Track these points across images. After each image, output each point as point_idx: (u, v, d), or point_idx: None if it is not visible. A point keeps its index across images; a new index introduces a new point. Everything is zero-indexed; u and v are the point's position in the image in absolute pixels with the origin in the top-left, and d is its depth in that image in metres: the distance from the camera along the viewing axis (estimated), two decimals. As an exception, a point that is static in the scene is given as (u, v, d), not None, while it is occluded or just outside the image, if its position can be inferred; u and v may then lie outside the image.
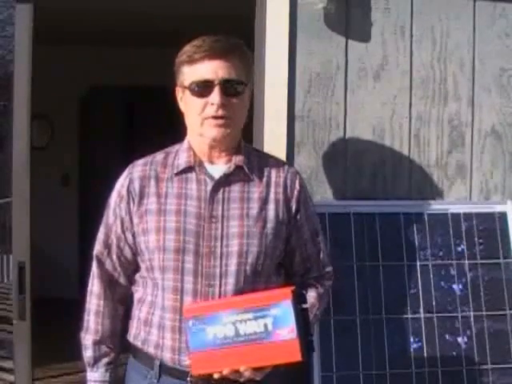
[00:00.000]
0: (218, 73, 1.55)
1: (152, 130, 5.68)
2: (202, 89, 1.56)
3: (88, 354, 1.69)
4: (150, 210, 1.61)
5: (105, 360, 1.69)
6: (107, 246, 1.68)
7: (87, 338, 1.70)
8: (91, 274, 1.71)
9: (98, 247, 1.69)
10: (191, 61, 1.57)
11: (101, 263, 1.69)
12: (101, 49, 5.61)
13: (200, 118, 1.58)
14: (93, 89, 5.93)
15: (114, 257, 1.68)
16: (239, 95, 1.59)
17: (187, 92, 1.60)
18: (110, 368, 1.70)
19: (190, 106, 1.60)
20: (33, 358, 2.34)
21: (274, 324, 1.41)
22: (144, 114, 6.28)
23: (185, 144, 1.68)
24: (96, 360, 1.69)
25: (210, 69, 1.55)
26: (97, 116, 6.19)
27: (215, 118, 1.56)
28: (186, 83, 1.59)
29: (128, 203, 1.64)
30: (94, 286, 1.70)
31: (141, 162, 1.69)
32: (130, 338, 1.68)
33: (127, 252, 1.67)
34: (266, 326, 1.42)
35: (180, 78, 1.62)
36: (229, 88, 1.56)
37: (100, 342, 1.69)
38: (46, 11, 2.42)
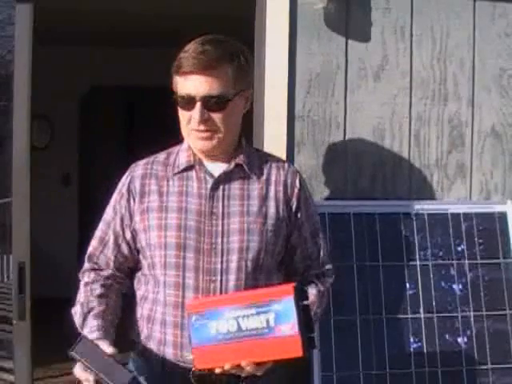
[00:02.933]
0: (199, 88, 1.56)
1: (152, 130, 5.68)
2: (186, 103, 1.59)
3: (77, 316, 1.62)
4: (151, 207, 1.63)
5: (92, 312, 1.62)
6: (103, 241, 1.69)
7: (75, 306, 1.65)
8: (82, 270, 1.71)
9: (93, 243, 1.71)
10: (179, 72, 1.59)
11: (94, 257, 1.70)
12: (101, 49, 5.62)
13: (187, 129, 1.62)
14: (93, 89, 5.94)
15: (110, 252, 1.69)
16: (222, 110, 1.59)
17: (177, 102, 1.63)
18: (98, 319, 1.60)
19: (180, 115, 1.64)
20: (33, 357, 2.35)
21: (276, 320, 1.42)
22: (144, 114, 6.28)
23: (185, 144, 1.71)
24: (85, 316, 1.61)
25: (193, 84, 1.57)
26: (97, 116, 6.19)
27: (198, 131, 1.59)
28: (176, 95, 1.62)
29: (128, 201, 1.66)
30: (85, 276, 1.70)
31: (143, 161, 1.72)
32: (133, 335, 1.69)
33: (124, 248, 1.69)
34: (267, 321, 1.42)
35: (173, 85, 1.64)
36: (210, 103, 1.57)
37: (87, 302, 1.63)
38: (46, 11, 2.43)
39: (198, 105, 1.56)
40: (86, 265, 1.72)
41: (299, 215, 1.70)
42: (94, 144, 6.21)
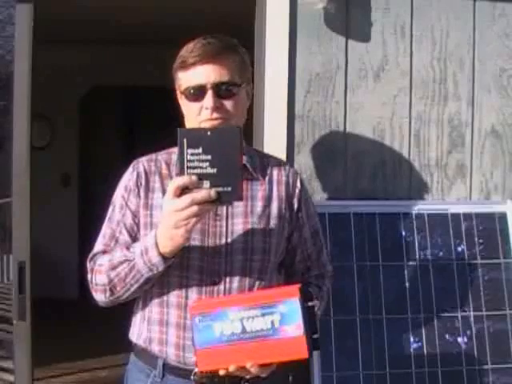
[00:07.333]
0: (209, 76, 1.56)
1: (152, 130, 5.68)
2: (196, 93, 1.58)
3: (120, 267, 1.53)
4: (155, 204, 1.61)
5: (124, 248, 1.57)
6: (114, 238, 1.63)
7: (99, 267, 1.57)
8: (89, 270, 1.62)
9: (103, 241, 1.64)
10: (184, 66, 1.59)
11: (104, 254, 1.61)
12: (101, 49, 5.61)
13: (197, 121, 1.60)
14: (93, 89, 5.94)
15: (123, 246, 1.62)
16: (233, 96, 1.59)
17: (183, 97, 1.62)
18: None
19: (187, 110, 1.63)
20: (33, 357, 2.35)
21: (281, 321, 1.41)
22: (144, 114, 6.29)
23: None
24: (124, 254, 1.54)
25: (202, 73, 1.57)
26: (97, 116, 6.19)
27: (211, 120, 1.58)
28: (182, 88, 1.62)
29: (136, 196, 1.63)
30: (97, 260, 1.60)
31: (145, 158, 1.70)
32: (133, 337, 1.67)
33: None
34: (272, 322, 1.42)
35: (177, 83, 1.65)
36: (222, 90, 1.57)
37: (112, 256, 1.56)
38: (46, 11, 2.42)
39: (210, 92, 1.56)
40: (91, 263, 1.62)
41: (300, 216, 1.70)
42: (93, 144, 6.22)
